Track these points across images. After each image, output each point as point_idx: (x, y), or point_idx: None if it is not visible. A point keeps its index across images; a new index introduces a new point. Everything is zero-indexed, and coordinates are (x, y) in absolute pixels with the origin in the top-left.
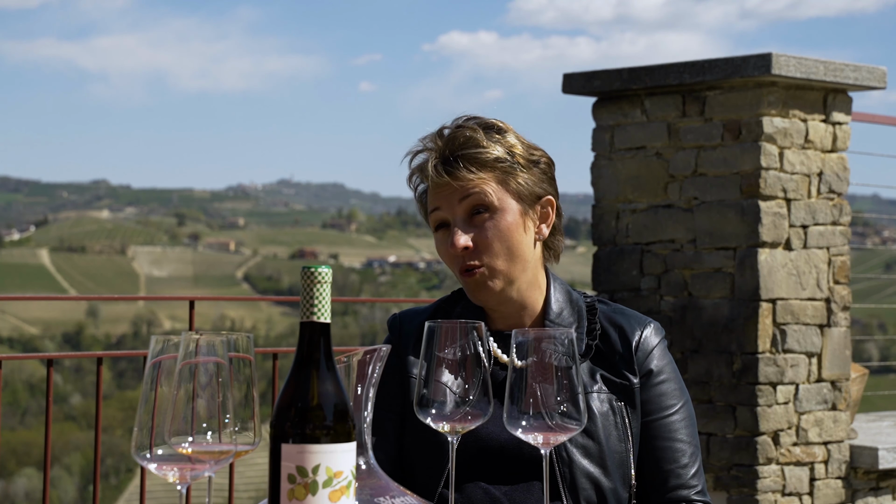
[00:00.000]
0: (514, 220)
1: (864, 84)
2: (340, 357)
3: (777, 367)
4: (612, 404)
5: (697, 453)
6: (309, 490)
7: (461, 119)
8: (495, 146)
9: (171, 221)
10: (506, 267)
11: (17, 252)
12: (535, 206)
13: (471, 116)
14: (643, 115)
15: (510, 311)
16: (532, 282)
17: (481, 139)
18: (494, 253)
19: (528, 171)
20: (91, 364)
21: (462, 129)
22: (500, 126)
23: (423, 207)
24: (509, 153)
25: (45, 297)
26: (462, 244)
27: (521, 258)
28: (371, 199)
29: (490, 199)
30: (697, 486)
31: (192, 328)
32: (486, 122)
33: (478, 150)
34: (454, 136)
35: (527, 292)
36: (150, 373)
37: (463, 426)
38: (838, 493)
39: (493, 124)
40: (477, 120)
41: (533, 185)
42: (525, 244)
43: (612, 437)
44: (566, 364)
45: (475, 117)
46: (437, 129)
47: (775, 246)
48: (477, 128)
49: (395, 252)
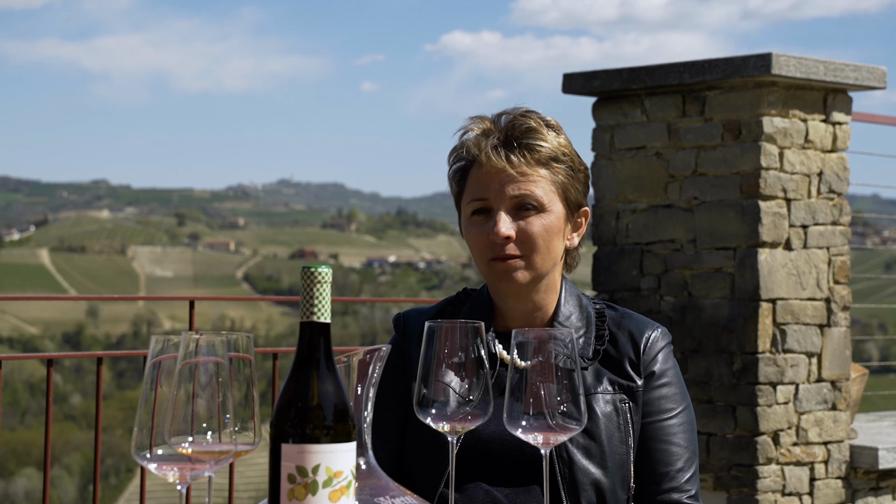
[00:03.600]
0: (558, 224)
1: (865, 84)
2: (340, 357)
3: (777, 367)
4: (616, 405)
5: (694, 458)
6: (309, 490)
7: (520, 110)
8: (553, 142)
9: (171, 221)
10: (539, 264)
11: (17, 252)
12: (575, 214)
13: (530, 109)
14: (643, 115)
15: (524, 311)
16: (551, 285)
17: (544, 132)
18: (534, 249)
19: (576, 178)
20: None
21: (525, 118)
22: (556, 125)
23: (459, 184)
24: (564, 153)
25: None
26: (505, 233)
27: (552, 261)
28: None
29: (540, 197)
30: (691, 490)
31: (192, 328)
32: (546, 119)
33: (539, 142)
34: (515, 122)
35: (544, 293)
36: (150, 373)
37: (463, 426)
38: (838, 493)
39: (551, 122)
40: (537, 114)
41: (577, 193)
42: (559, 249)
43: (614, 439)
44: (568, 365)
45: (534, 111)
46: (497, 114)
47: (775, 246)
48: (539, 120)
49: (395, 252)
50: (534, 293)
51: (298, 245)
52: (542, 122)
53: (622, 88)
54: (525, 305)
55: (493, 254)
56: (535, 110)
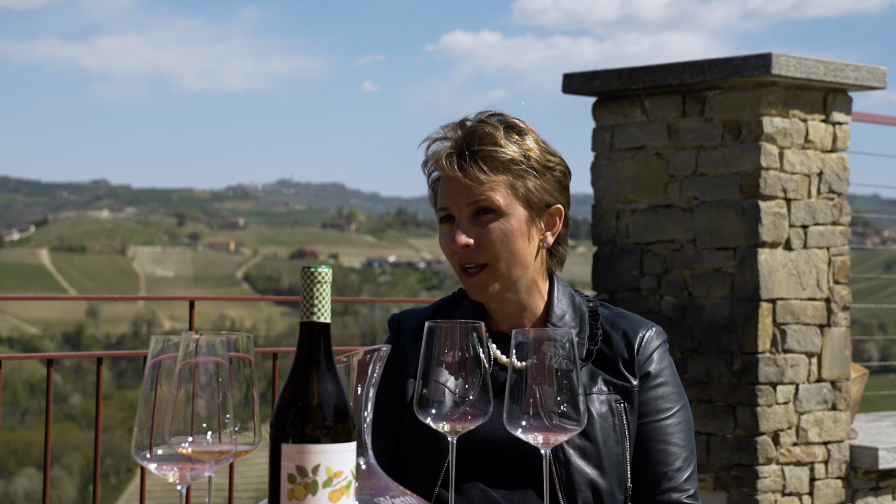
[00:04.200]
0: (519, 227)
1: (864, 84)
2: (340, 357)
3: (777, 367)
4: (611, 406)
5: (692, 458)
6: (309, 490)
7: (485, 114)
8: (512, 146)
9: (171, 221)
10: (505, 270)
11: (17, 252)
12: (543, 214)
13: (496, 112)
14: (643, 115)
15: (510, 312)
16: (531, 286)
17: (500, 137)
18: (494, 255)
19: (541, 178)
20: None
21: (483, 125)
22: (521, 127)
23: (434, 195)
24: (525, 156)
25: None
26: (463, 242)
27: (520, 264)
28: (371, 199)
29: (497, 203)
30: (690, 489)
31: (192, 328)
32: (509, 122)
33: (494, 147)
34: (474, 129)
35: (525, 295)
36: (150, 373)
37: (463, 426)
38: (838, 493)
39: (515, 124)
40: (500, 117)
41: (543, 193)
42: (527, 251)
43: (610, 439)
44: (566, 366)
45: (499, 114)
46: (461, 120)
47: (775, 246)
48: (498, 125)
49: (395, 252)
50: (512, 295)
51: (298, 245)
52: (501, 125)
53: (622, 88)
54: (508, 308)
55: (459, 262)
56: (501, 112)
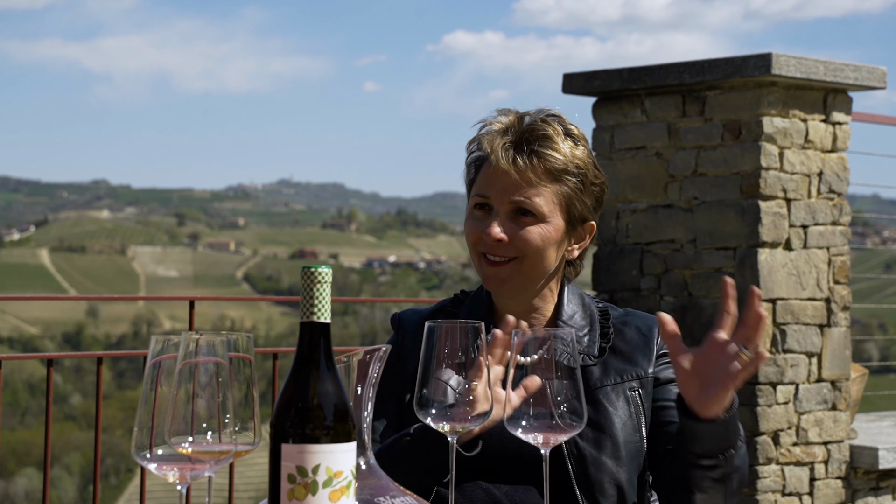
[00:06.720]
0: (555, 235)
1: (864, 84)
2: (340, 357)
3: (777, 367)
4: (626, 394)
5: None
6: (309, 490)
7: (544, 112)
8: (567, 154)
9: (171, 221)
10: (528, 271)
11: (17, 252)
12: (577, 228)
13: (555, 113)
14: (643, 115)
15: (519, 312)
16: (546, 292)
17: (558, 142)
18: (525, 255)
19: (586, 192)
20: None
21: (544, 123)
22: (576, 135)
23: (473, 173)
24: (577, 167)
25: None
26: (497, 237)
27: (544, 269)
28: (371, 199)
29: (541, 208)
30: None
31: (192, 328)
32: (567, 127)
33: (551, 151)
34: (534, 126)
35: (539, 299)
36: (150, 373)
37: (463, 426)
38: (838, 493)
39: (572, 132)
40: (559, 119)
41: (583, 208)
42: (554, 258)
43: (627, 427)
44: (569, 364)
45: (558, 115)
46: (519, 113)
47: (775, 246)
48: (558, 128)
49: (395, 252)
50: (526, 296)
51: (298, 245)
52: (561, 130)
53: (622, 88)
54: (519, 307)
55: (483, 248)
56: (562, 115)
